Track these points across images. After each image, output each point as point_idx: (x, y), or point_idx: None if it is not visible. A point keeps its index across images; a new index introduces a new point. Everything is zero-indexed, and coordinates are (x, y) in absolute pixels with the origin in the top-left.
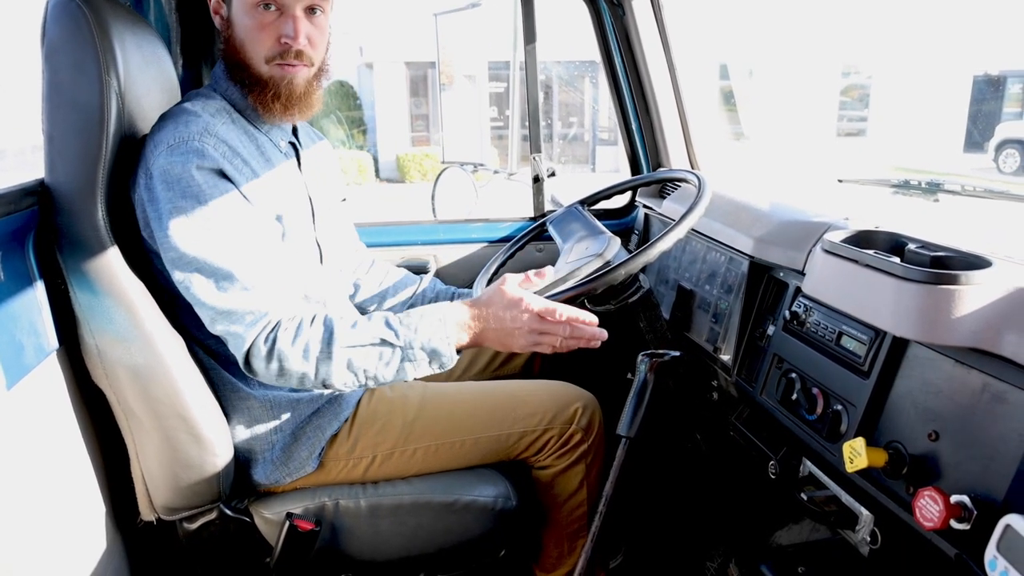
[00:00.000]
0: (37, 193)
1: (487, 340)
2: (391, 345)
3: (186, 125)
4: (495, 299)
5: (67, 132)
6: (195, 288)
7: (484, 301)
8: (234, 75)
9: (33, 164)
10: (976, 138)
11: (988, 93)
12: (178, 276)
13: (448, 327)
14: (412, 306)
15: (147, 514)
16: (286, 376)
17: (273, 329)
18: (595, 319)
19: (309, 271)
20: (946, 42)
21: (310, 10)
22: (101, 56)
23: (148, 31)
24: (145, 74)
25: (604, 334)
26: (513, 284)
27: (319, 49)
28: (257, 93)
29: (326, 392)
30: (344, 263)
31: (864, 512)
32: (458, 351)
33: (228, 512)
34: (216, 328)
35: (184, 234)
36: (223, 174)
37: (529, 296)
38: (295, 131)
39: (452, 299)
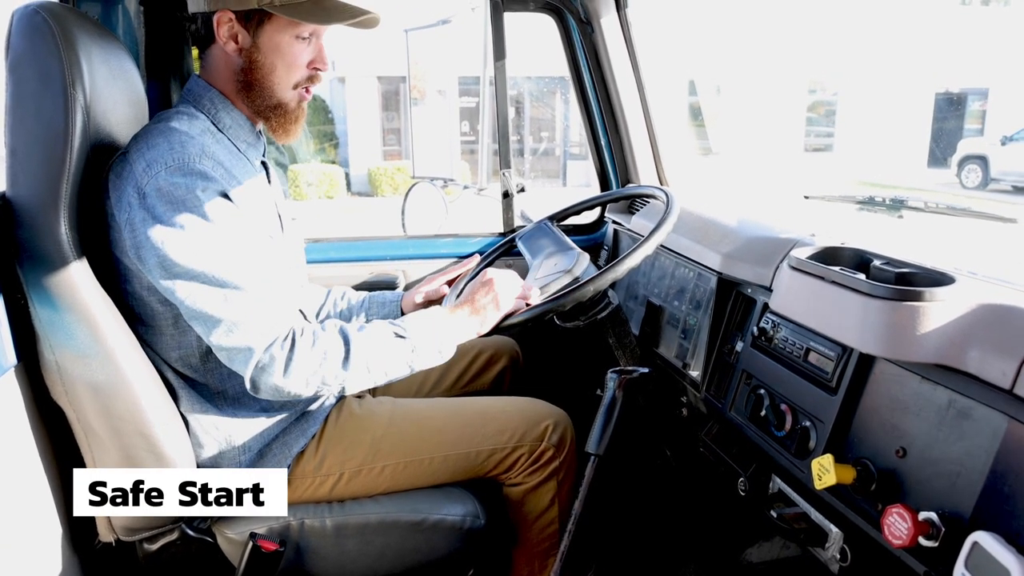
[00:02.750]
0: None
1: (480, 320)
2: (403, 337)
3: (182, 146)
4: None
5: (31, 145)
6: (201, 302)
7: (469, 293)
8: (251, 98)
9: None
10: (939, 154)
11: (949, 110)
12: (181, 293)
13: (441, 318)
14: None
15: (105, 535)
16: (305, 384)
17: (287, 338)
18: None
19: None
20: (908, 60)
21: None
22: (67, 69)
23: (115, 45)
24: (112, 87)
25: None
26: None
27: None
28: (280, 117)
29: (296, 408)
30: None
31: (834, 529)
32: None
33: (190, 532)
34: (223, 342)
35: (189, 250)
36: (223, 194)
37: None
38: (264, 150)
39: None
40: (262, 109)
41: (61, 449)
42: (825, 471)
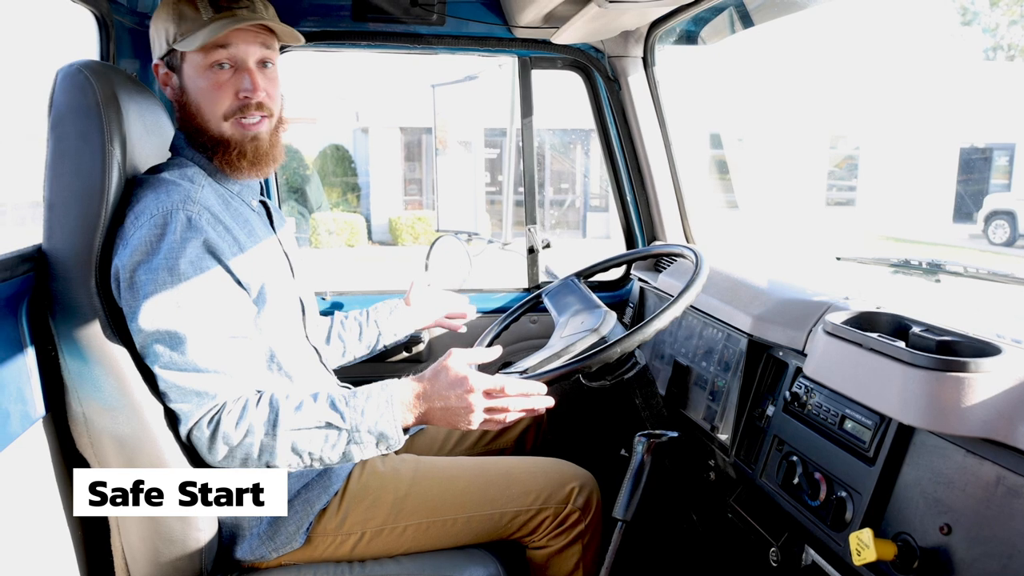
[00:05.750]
0: (34, 259)
1: (434, 419)
2: (337, 428)
3: (168, 194)
4: (440, 377)
5: (68, 200)
6: (151, 359)
7: (429, 378)
8: (194, 141)
9: (33, 218)
10: (965, 208)
11: (975, 165)
12: (139, 342)
13: (395, 408)
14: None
15: None
16: (228, 458)
17: (218, 411)
18: (542, 387)
19: (292, 329)
20: (932, 114)
21: (262, 63)
22: (105, 127)
23: (152, 101)
24: (146, 143)
25: (550, 401)
26: (459, 359)
27: (276, 100)
28: (222, 154)
29: (316, 465)
30: (318, 316)
31: None
32: (405, 431)
33: None
34: (167, 397)
35: (153, 304)
36: (207, 243)
37: (473, 374)
38: (262, 190)
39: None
40: (206, 147)
41: None
42: (864, 546)
